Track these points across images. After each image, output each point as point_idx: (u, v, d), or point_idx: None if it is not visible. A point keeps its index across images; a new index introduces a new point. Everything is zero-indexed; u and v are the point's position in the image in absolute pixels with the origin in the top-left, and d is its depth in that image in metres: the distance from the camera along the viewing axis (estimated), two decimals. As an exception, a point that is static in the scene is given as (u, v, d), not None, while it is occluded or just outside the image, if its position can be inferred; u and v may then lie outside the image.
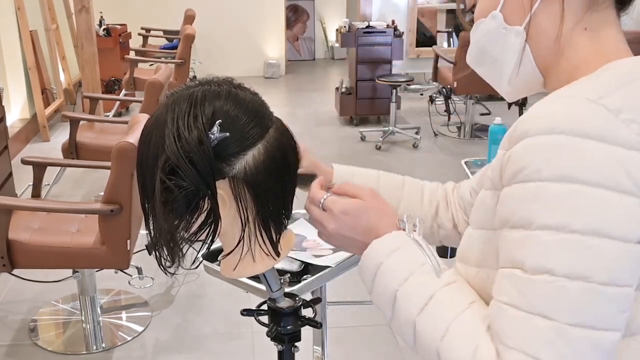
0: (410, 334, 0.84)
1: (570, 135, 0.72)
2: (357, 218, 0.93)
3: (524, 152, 0.74)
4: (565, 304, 0.71)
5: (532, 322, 0.72)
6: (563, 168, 0.71)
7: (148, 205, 0.92)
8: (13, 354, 2.79)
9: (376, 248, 0.90)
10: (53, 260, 2.57)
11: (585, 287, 0.71)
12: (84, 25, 5.51)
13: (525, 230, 0.74)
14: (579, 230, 0.71)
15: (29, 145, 5.46)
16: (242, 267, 0.98)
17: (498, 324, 0.76)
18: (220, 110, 0.89)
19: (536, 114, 0.76)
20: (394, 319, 0.87)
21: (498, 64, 0.89)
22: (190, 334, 2.94)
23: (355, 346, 2.85)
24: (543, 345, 0.72)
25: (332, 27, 9.16)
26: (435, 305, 0.83)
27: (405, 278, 0.86)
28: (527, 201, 0.74)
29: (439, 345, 0.80)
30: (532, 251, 0.73)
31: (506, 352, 0.74)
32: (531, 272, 0.73)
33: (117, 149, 2.39)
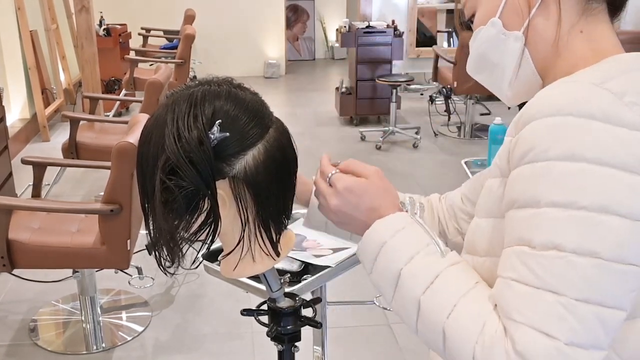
0: (413, 313, 0.84)
1: (576, 116, 0.74)
2: (360, 197, 0.93)
3: (532, 134, 0.77)
4: (574, 279, 0.72)
5: (542, 297, 0.73)
6: (570, 147, 0.73)
7: (148, 205, 0.92)
8: (13, 354, 2.79)
9: (379, 228, 0.90)
10: (53, 260, 2.57)
11: (594, 263, 0.72)
12: (84, 25, 5.51)
13: (533, 208, 0.75)
14: (587, 206, 0.72)
15: (29, 145, 5.46)
16: (242, 267, 0.98)
17: (505, 300, 0.77)
18: (220, 110, 0.89)
19: (542, 97, 0.78)
20: (396, 297, 0.87)
21: (498, 69, 0.91)
22: (190, 334, 2.94)
23: (355, 346, 2.85)
24: (553, 320, 0.72)
25: (332, 27, 9.16)
26: (442, 284, 0.83)
27: (410, 257, 0.86)
28: (535, 180, 0.75)
29: (445, 323, 0.80)
30: (540, 228, 0.74)
31: (515, 327, 0.74)
32: (539, 248, 0.74)
33: (117, 149, 2.39)
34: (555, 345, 0.72)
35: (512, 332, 0.74)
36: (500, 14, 0.89)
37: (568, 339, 0.72)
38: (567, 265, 0.73)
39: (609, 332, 0.74)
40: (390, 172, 4.91)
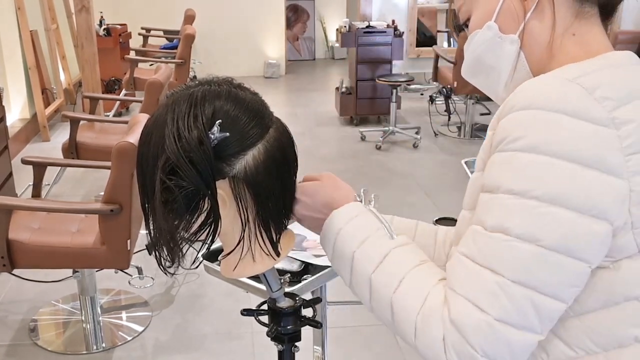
0: (366, 291, 0.91)
1: (546, 110, 0.78)
2: (314, 196, 1.00)
3: (506, 125, 0.81)
4: (513, 262, 0.77)
5: (481, 274, 0.79)
6: (535, 140, 0.78)
7: (148, 205, 0.92)
8: (13, 354, 2.79)
9: (335, 216, 0.96)
10: (53, 260, 2.57)
11: (534, 250, 0.77)
12: (84, 25, 5.51)
13: (493, 193, 0.81)
14: (538, 197, 0.77)
15: (29, 145, 5.46)
16: (242, 267, 0.98)
17: (452, 271, 0.83)
18: (220, 110, 0.89)
19: (519, 91, 0.83)
20: (352, 279, 0.93)
21: (494, 72, 0.94)
22: (190, 334, 2.94)
23: (355, 346, 2.85)
24: (487, 296, 0.78)
25: (332, 27, 9.16)
26: (390, 263, 0.89)
27: (362, 240, 0.92)
28: (499, 168, 0.81)
29: (392, 297, 0.86)
30: (493, 211, 0.80)
31: (454, 298, 0.81)
32: (490, 230, 0.80)
33: (117, 149, 2.39)
34: (486, 319, 0.78)
35: (450, 301, 0.81)
36: (496, 17, 0.91)
37: (498, 315, 0.77)
38: (509, 249, 0.78)
39: (544, 319, 0.79)
40: (390, 172, 4.90)
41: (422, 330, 0.83)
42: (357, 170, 4.93)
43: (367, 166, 5.07)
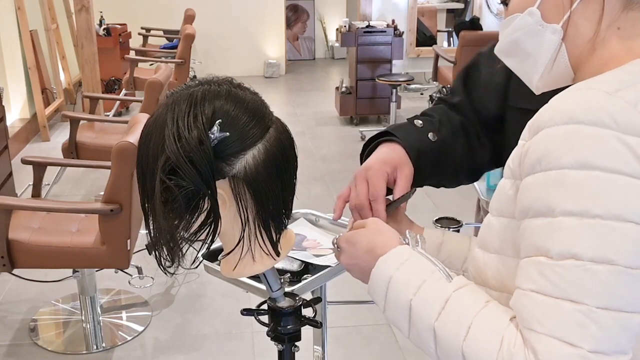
0: (431, 341, 0.84)
1: (588, 124, 0.74)
2: (356, 244, 0.97)
3: (544, 142, 0.77)
4: (593, 287, 0.73)
5: (561, 307, 0.74)
6: (582, 155, 0.74)
7: (148, 205, 0.92)
8: (13, 354, 2.79)
9: (383, 264, 0.91)
10: (53, 260, 2.57)
11: (612, 270, 0.73)
12: (84, 25, 5.52)
13: (547, 217, 0.76)
14: (601, 215, 0.73)
15: (29, 145, 5.46)
16: (242, 266, 0.98)
17: (525, 311, 0.77)
18: (220, 110, 0.89)
19: (556, 105, 0.79)
20: (412, 329, 0.87)
21: (531, 58, 0.89)
22: (190, 333, 2.94)
23: (355, 346, 2.85)
24: (574, 328, 0.73)
25: (332, 26, 9.16)
26: (453, 307, 0.83)
27: (418, 286, 0.86)
28: (548, 189, 0.76)
29: (462, 346, 0.80)
30: (556, 237, 0.75)
31: (536, 338, 0.74)
32: (557, 257, 0.75)
33: (117, 149, 2.39)
34: (579, 353, 0.72)
35: (534, 344, 0.74)
36: (540, 4, 0.86)
37: (591, 346, 0.72)
38: (585, 274, 0.73)
39: (631, 337, 0.75)
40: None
41: None
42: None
43: (367, 166, 5.05)
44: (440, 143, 1.21)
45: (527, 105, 1.21)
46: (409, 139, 1.18)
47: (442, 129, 1.23)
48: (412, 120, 1.25)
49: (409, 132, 1.20)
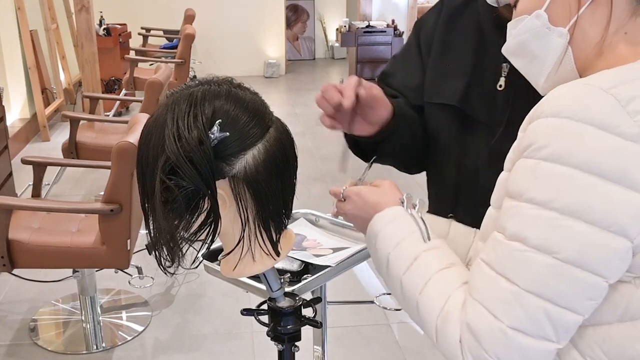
0: (399, 292, 0.94)
1: (574, 120, 0.76)
2: (366, 197, 1.04)
3: (534, 132, 0.80)
4: (529, 272, 0.78)
5: (497, 282, 0.80)
6: (559, 150, 0.77)
7: (148, 205, 0.92)
8: (13, 354, 2.79)
9: (377, 220, 1.00)
10: (53, 260, 2.57)
11: (550, 262, 0.77)
12: (84, 25, 5.52)
13: (515, 200, 0.81)
14: (558, 209, 0.76)
15: (29, 145, 5.46)
16: (242, 266, 0.98)
17: (472, 277, 0.85)
18: (220, 110, 0.89)
19: (551, 98, 0.81)
20: (388, 280, 0.97)
21: (538, 60, 0.90)
22: (190, 333, 2.94)
23: (355, 346, 2.85)
24: (501, 304, 0.79)
25: (332, 26, 9.16)
26: (419, 265, 0.92)
27: (397, 243, 0.95)
28: (523, 175, 0.80)
29: (418, 299, 0.89)
30: (514, 219, 0.80)
31: (471, 302, 0.82)
32: (509, 237, 0.80)
33: (117, 149, 2.39)
34: (499, 326, 0.79)
35: (467, 305, 0.82)
36: (547, 7, 0.87)
37: (511, 323, 0.78)
38: (525, 259, 0.78)
39: (559, 329, 0.79)
40: (390, 171, 4.89)
41: (442, 332, 0.84)
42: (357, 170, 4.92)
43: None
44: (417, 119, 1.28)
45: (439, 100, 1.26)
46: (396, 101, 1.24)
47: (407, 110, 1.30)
48: None
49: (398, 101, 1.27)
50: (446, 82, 1.24)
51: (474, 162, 1.22)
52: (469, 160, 1.23)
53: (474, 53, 1.21)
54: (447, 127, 1.25)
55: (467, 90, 1.20)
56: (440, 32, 1.27)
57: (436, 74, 1.27)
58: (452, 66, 1.24)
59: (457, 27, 1.25)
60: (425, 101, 1.28)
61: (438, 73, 1.26)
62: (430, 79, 1.28)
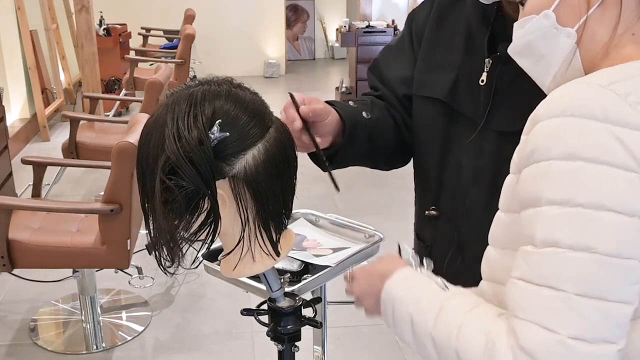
0: (431, 350, 0.88)
1: (578, 116, 0.76)
2: (371, 270, 1.04)
3: (537, 134, 0.79)
4: (571, 274, 0.74)
5: (541, 293, 0.76)
6: (569, 147, 0.75)
7: (148, 205, 0.92)
8: (13, 354, 2.79)
9: (389, 286, 0.98)
10: (53, 260, 2.57)
11: (590, 258, 0.74)
12: (84, 25, 5.52)
13: (535, 207, 0.78)
14: (582, 204, 0.74)
15: (29, 145, 5.46)
16: (242, 266, 0.98)
17: (512, 299, 0.80)
18: (220, 110, 0.89)
19: (552, 98, 0.81)
20: (415, 340, 0.91)
21: (544, 60, 0.90)
22: (190, 333, 2.94)
23: (355, 346, 2.85)
24: (553, 314, 0.74)
25: (332, 26, 9.16)
26: (446, 314, 0.87)
27: (416, 300, 0.92)
28: (537, 180, 0.78)
29: (455, 346, 0.83)
30: (540, 226, 0.77)
31: (518, 324, 0.77)
32: (540, 245, 0.77)
33: (117, 149, 2.39)
34: (556, 338, 0.74)
35: (516, 329, 0.77)
36: (556, 7, 0.86)
37: (569, 332, 0.74)
38: (564, 261, 0.75)
39: (616, 325, 0.75)
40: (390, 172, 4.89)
41: None
42: (357, 170, 4.92)
43: (367, 166, 5.06)
44: (374, 121, 1.27)
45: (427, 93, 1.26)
46: (345, 110, 1.24)
47: (374, 109, 1.29)
48: (346, 101, 1.30)
49: (346, 107, 1.26)
50: (434, 76, 1.25)
51: (457, 156, 1.22)
52: (452, 154, 1.24)
53: (463, 49, 1.22)
54: (433, 121, 1.26)
55: (455, 85, 1.21)
56: (431, 26, 1.28)
57: (425, 68, 1.28)
58: (441, 61, 1.24)
59: (447, 23, 1.26)
60: (414, 94, 1.29)
61: (427, 67, 1.27)
62: (420, 72, 1.29)
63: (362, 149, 1.26)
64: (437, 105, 1.24)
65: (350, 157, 1.27)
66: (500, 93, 1.14)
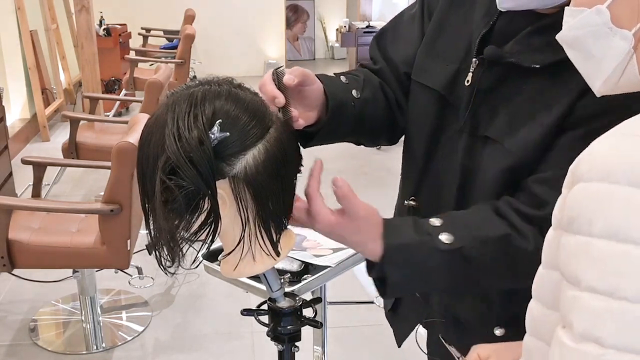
0: None
1: (627, 184, 0.63)
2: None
3: (578, 199, 0.68)
4: None
5: None
6: (614, 224, 0.64)
7: (148, 205, 0.92)
8: (13, 354, 2.79)
9: None
10: (53, 260, 2.57)
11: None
12: (84, 25, 5.51)
13: (574, 289, 0.68)
14: (628, 297, 0.63)
15: (29, 145, 5.46)
16: (242, 267, 0.98)
17: None
18: (221, 110, 0.89)
19: (596, 153, 0.68)
20: None
21: (594, 60, 0.79)
22: (190, 334, 2.94)
23: (355, 346, 2.85)
24: None
25: (332, 27, 9.16)
26: None
27: None
28: (577, 256, 0.67)
29: None
30: (580, 315, 0.67)
31: None
32: (578, 339, 0.66)
33: (117, 149, 2.39)
34: None
35: None
36: (611, 3, 0.76)
37: None
38: None
39: None
40: (390, 172, 4.90)
41: None
42: (357, 170, 4.94)
43: (367, 166, 5.06)
44: (363, 101, 1.21)
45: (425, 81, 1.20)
46: (333, 88, 1.16)
47: (365, 88, 1.23)
48: (338, 75, 1.23)
49: (336, 84, 1.18)
50: (435, 65, 1.19)
51: (442, 150, 1.18)
52: (440, 147, 1.19)
53: (467, 41, 1.15)
54: (426, 109, 1.20)
55: (454, 78, 1.15)
56: (441, 10, 1.22)
57: (427, 53, 1.21)
58: (444, 50, 1.18)
59: (457, 11, 1.20)
60: (412, 78, 1.23)
61: (429, 52, 1.21)
62: (421, 56, 1.23)
63: (346, 130, 1.20)
64: (434, 95, 1.18)
65: (333, 136, 1.20)
66: (481, 97, 1.10)
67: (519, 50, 1.03)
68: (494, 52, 1.06)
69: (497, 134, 1.06)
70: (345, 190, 0.98)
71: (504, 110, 1.06)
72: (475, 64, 1.10)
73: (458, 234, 0.99)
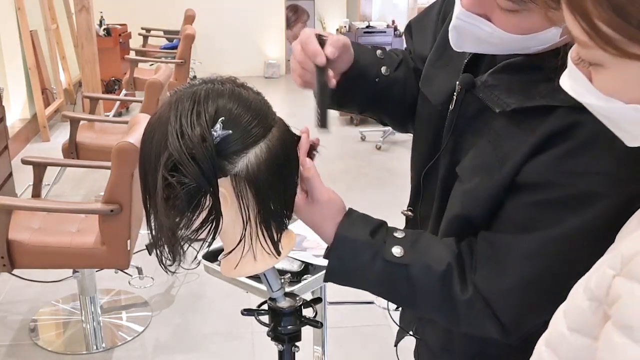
0: None
1: None
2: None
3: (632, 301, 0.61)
4: None
5: None
6: None
7: (150, 202, 0.92)
8: (13, 354, 2.79)
9: None
10: (53, 260, 2.57)
11: None
12: (84, 25, 5.51)
13: None
14: None
15: (29, 145, 5.46)
16: (242, 266, 0.98)
17: None
18: (224, 108, 0.89)
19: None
20: None
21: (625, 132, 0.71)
22: (190, 333, 2.94)
23: (355, 346, 2.85)
24: None
25: (332, 27, 9.15)
26: None
27: None
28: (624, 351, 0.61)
29: None
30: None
31: None
32: None
33: (117, 149, 2.39)
34: None
35: None
36: None
37: None
38: None
39: None
40: (390, 172, 4.90)
41: None
42: (357, 170, 4.94)
43: (367, 166, 5.07)
44: (392, 80, 1.18)
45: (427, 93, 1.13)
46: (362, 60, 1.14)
47: (400, 68, 1.20)
48: (375, 48, 1.21)
49: (366, 57, 1.16)
50: (440, 75, 1.12)
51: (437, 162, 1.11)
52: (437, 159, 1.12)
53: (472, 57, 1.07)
54: (428, 118, 1.14)
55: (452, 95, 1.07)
56: None
57: (435, 60, 1.15)
58: (451, 60, 1.10)
59: None
60: (419, 85, 1.17)
61: (437, 60, 1.14)
62: (430, 62, 1.16)
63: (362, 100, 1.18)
64: (433, 109, 1.12)
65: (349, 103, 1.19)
66: (464, 122, 1.02)
67: (492, 85, 0.95)
68: (468, 80, 0.99)
69: (462, 172, 1.00)
70: (311, 172, 1.00)
71: (475, 146, 0.98)
72: (458, 88, 1.02)
73: (410, 253, 0.97)
